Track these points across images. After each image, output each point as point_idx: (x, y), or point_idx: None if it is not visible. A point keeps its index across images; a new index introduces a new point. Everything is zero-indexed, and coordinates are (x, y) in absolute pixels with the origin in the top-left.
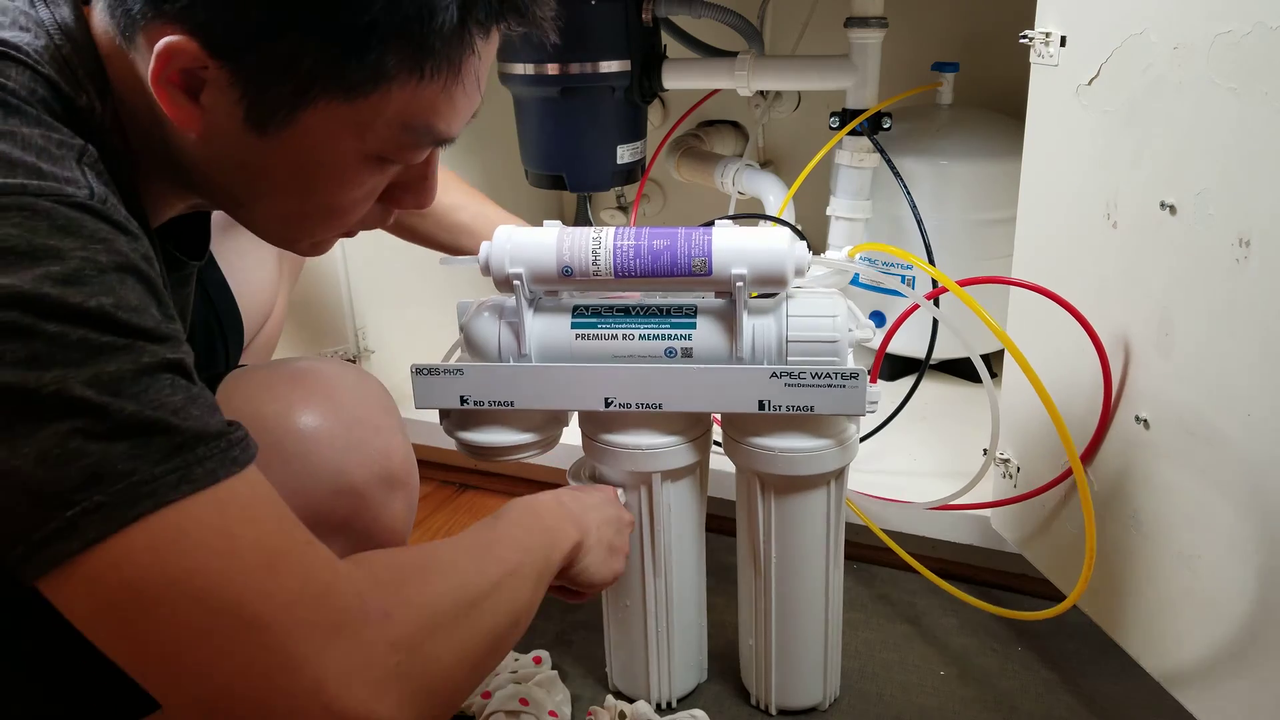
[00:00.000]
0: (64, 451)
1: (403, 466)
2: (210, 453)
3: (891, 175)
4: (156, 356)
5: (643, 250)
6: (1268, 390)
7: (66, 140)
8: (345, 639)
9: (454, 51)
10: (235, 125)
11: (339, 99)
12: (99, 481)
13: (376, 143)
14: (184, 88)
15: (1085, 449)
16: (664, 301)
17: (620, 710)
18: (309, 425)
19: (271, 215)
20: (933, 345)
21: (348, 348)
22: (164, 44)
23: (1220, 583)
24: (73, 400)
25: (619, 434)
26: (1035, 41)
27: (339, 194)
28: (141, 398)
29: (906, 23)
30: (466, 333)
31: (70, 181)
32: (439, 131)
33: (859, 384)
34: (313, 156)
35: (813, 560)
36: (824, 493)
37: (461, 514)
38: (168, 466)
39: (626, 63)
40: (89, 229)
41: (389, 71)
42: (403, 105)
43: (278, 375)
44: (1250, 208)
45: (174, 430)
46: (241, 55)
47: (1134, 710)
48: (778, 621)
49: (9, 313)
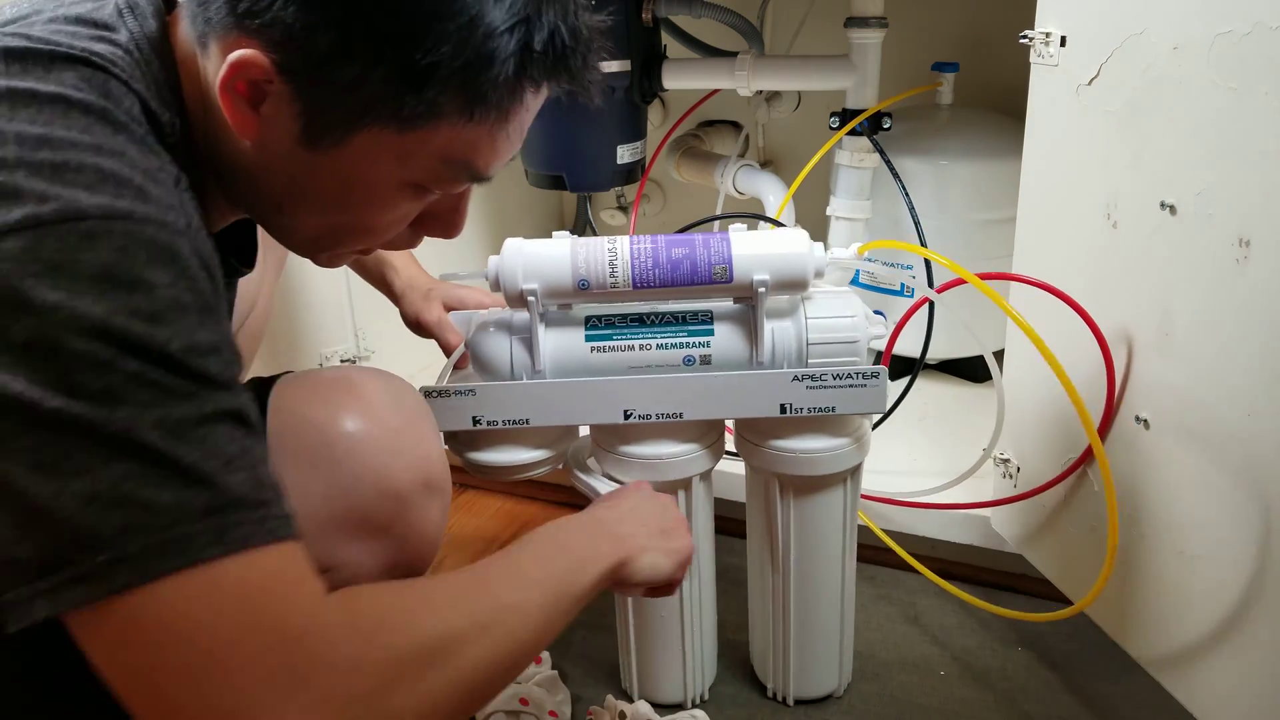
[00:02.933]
0: (112, 495)
1: (441, 472)
2: (247, 519)
3: (891, 175)
4: (220, 405)
5: (661, 260)
6: (1268, 390)
7: (166, 166)
8: (307, 691)
9: (505, 100)
10: (290, 138)
11: (391, 128)
12: (137, 532)
13: (417, 172)
14: (248, 97)
15: (1086, 449)
16: (677, 309)
17: (620, 710)
18: (356, 430)
19: (307, 226)
20: (927, 344)
21: (347, 348)
22: (238, 55)
23: (1221, 582)
24: (136, 443)
25: (641, 445)
26: (1035, 41)
27: (374, 214)
28: (200, 445)
29: (906, 23)
30: (474, 351)
31: (172, 208)
32: (476, 169)
33: (879, 382)
34: (357, 176)
35: (830, 554)
36: (841, 490)
37: (461, 514)
38: (205, 524)
39: (626, 63)
40: (181, 263)
41: (442, 110)
42: (448, 141)
43: (324, 382)
44: (1250, 208)
45: (219, 488)
46: (308, 76)
47: (1134, 710)
48: (797, 616)
49: (93, 344)
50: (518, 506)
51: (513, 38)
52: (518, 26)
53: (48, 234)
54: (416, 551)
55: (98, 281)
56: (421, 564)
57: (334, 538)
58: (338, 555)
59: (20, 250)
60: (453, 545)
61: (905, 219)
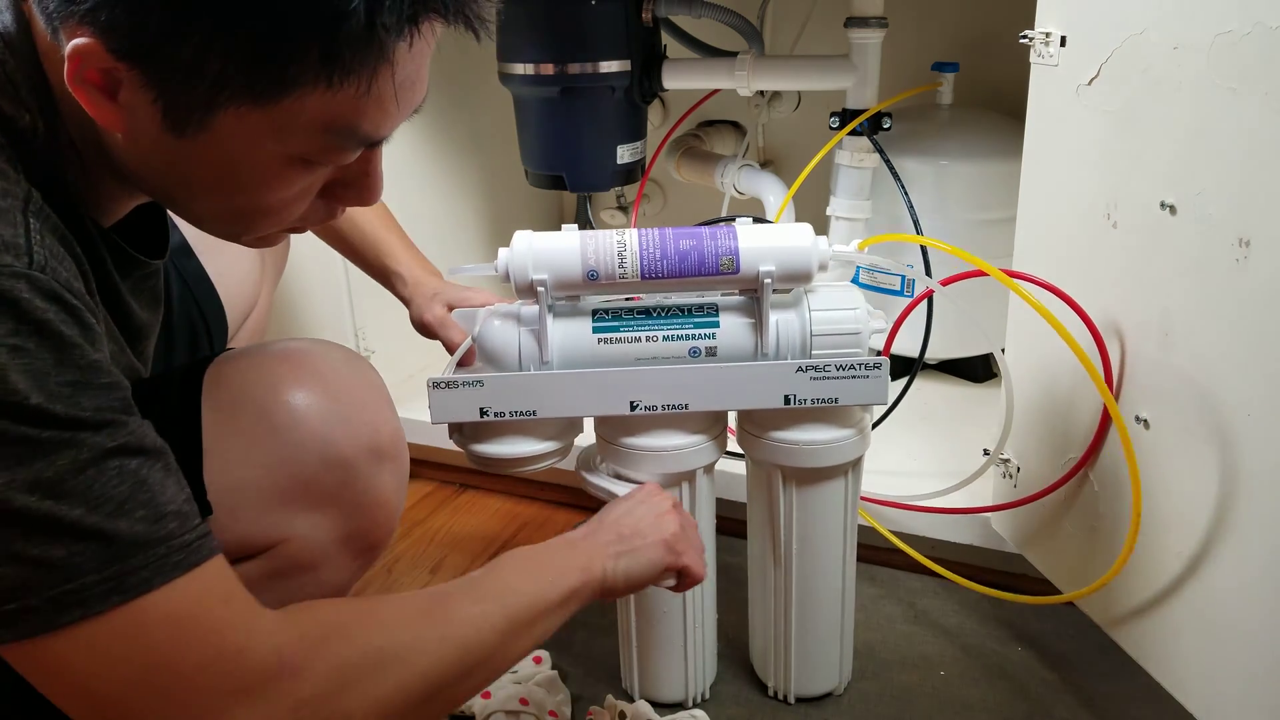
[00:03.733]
0: (6, 554)
1: (391, 439)
2: (146, 561)
3: (891, 175)
4: (97, 448)
5: (669, 251)
6: (1268, 390)
7: (11, 188)
8: (249, 700)
9: (365, 57)
10: (155, 127)
11: (249, 104)
12: (34, 588)
13: (298, 146)
14: (102, 87)
15: (1089, 447)
16: (683, 301)
17: (620, 710)
18: (297, 399)
19: (205, 212)
20: (926, 340)
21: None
22: (73, 45)
23: (1221, 582)
24: (14, 509)
25: (647, 436)
26: (1035, 41)
27: (267, 195)
28: (83, 497)
29: (906, 23)
30: (482, 342)
31: (11, 247)
32: (364, 133)
33: (881, 373)
34: (233, 159)
35: (832, 548)
36: (843, 481)
37: (461, 514)
38: (101, 576)
39: (626, 63)
40: (24, 307)
41: (297, 78)
42: (320, 110)
43: (266, 353)
44: (1250, 208)
45: (110, 538)
46: (147, 59)
47: (1134, 710)
48: (798, 611)
49: None
50: (518, 506)
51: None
52: None
53: None
54: (371, 520)
55: None
56: (378, 534)
57: (282, 509)
58: (288, 527)
59: None
60: (453, 545)
61: (905, 219)
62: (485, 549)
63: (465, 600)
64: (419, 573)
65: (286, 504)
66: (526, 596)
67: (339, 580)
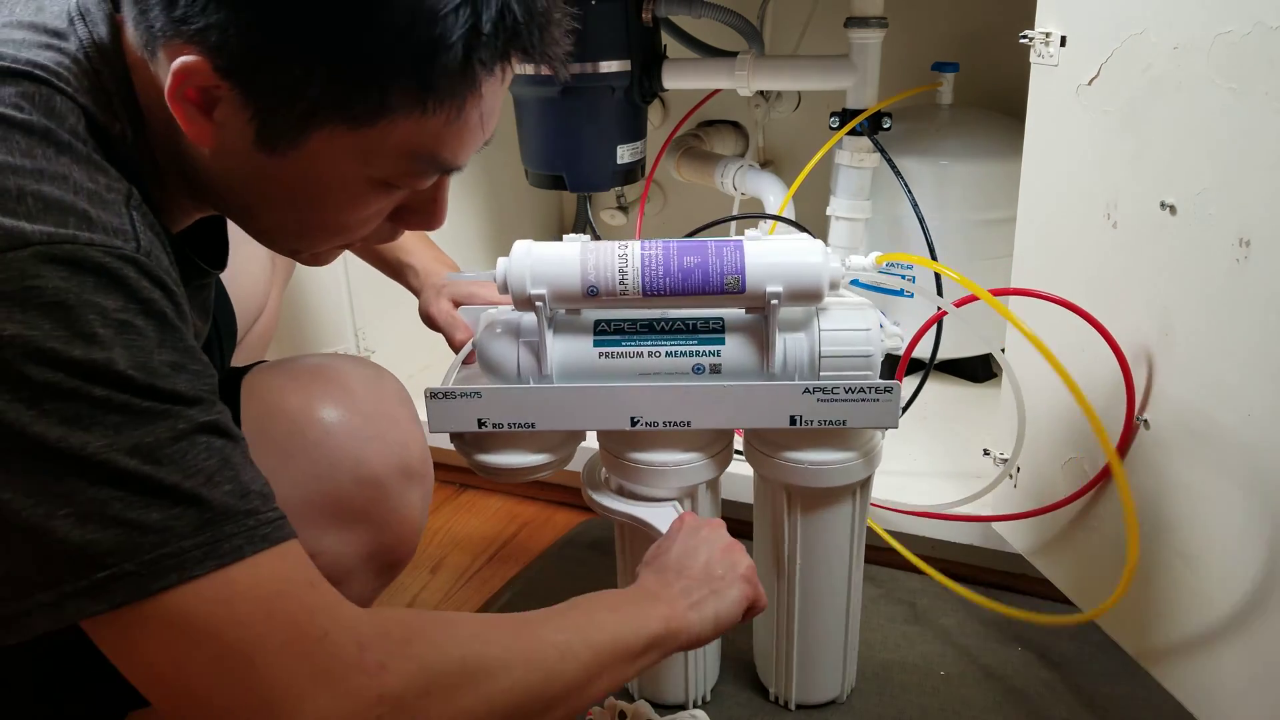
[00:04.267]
0: (102, 517)
1: (420, 459)
2: (240, 527)
3: (891, 175)
4: (191, 421)
5: (672, 268)
6: (1268, 389)
7: (114, 184)
8: (332, 685)
9: (459, 88)
10: (246, 143)
11: (344, 127)
12: (131, 550)
13: (381, 169)
14: (199, 104)
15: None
16: (688, 316)
17: (620, 710)
18: (331, 417)
19: (277, 227)
20: (937, 348)
21: (348, 348)
22: (179, 63)
23: (1222, 582)
24: (115, 469)
25: (651, 451)
26: (1035, 41)
27: (344, 214)
28: (179, 465)
29: (906, 23)
30: (481, 352)
31: (119, 232)
32: (443, 161)
33: (893, 397)
34: (319, 178)
35: (837, 567)
36: (850, 503)
37: (462, 514)
38: (196, 541)
39: (626, 63)
40: (132, 286)
41: (392, 104)
42: (407, 136)
43: (299, 370)
44: (1250, 208)
45: (206, 504)
46: (251, 79)
47: (1134, 710)
48: (800, 623)
49: (56, 373)
50: (518, 506)
51: (458, 20)
52: (462, 7)
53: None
54: (397, 538)
55: (50, 310)
56: (402, 551)
57: (311, 525)
58: (316, 543)
59: None
60: (453, 545)
61: (905, 219)
62: (485, 549)
63: (549, 627)
64: (419, 573)
65: (317, 520)
66: (609, 634)
67: (360, 597)
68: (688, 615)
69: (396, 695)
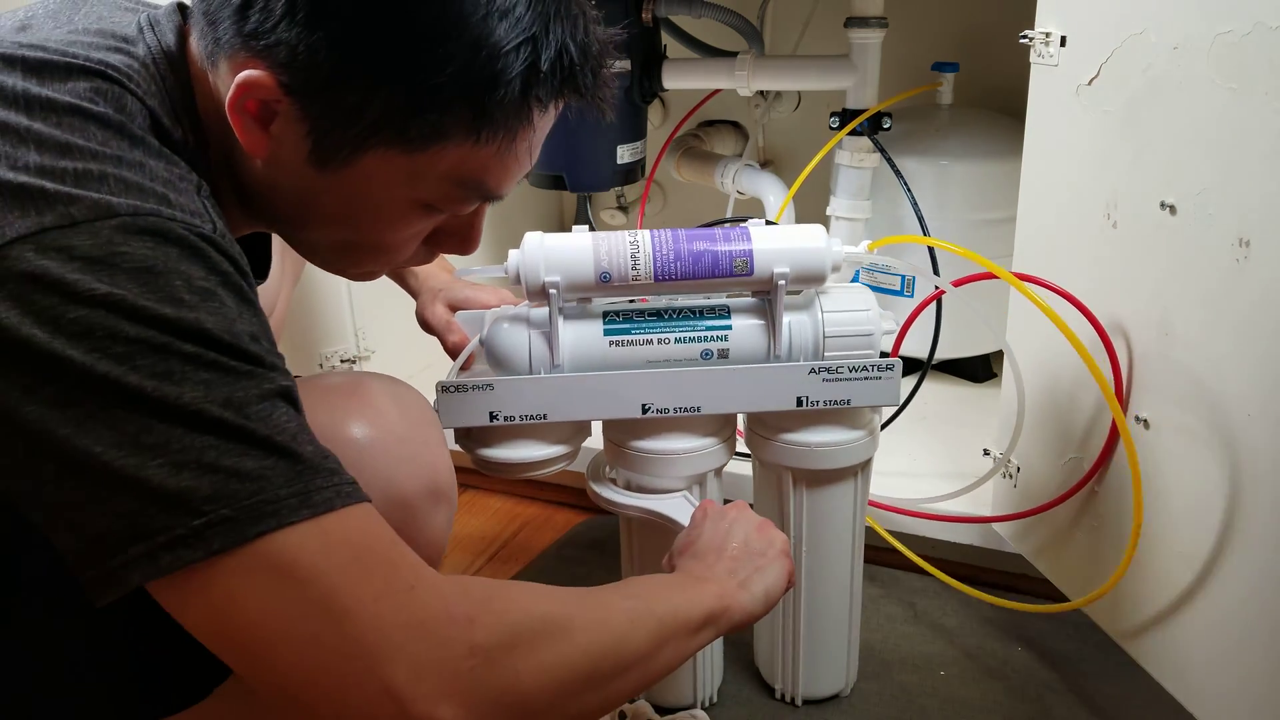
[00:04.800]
0: (199, 464)
1: (447, 480)
2: (328, 482)
3: (891, 175)
4: (275, 384)
5: (683, 253)
6: (1267, 390)
7: (186, 175)
8: (425, 635)
9: (512, 120)
10: (299, 158)
11: (398, 149)
12: (228, 497)
13: (427, 192)
14: (258, 116)
15: (1100, 456)
16: (693, 303)
17: (620, 710)
18: (362, 436)
19: (322, 243)
20: (935, 340)
21: (348, 348)
22: (245, 76)
23: (1221, 582)
24: (210, 418)
25: (658, 440)
26: (1035, 41)
27: (387, 233)
28: (267, 422)
29: (906, 23)
30: (491, 346)
31: (196, 214)
32: (488, 189)
33: (894, 373)
34: (367, 196)
35: (840, 549)
36: (852, 484)
37: (462, 514)
38: (291, 490)
39: (626, 63)
40: (213, 259)
41: (448, 131)
42: (457, 162)
43: (332, 387)
44: (1250, 208)
45: (297, 456)
46: (314, 97)
47: (1134, 710)
48: (807, 613)
49: (148, 330)
50: (518, 506)
51: (519, 57)
52: (524, 45)
53: (82, 232)
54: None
55: (138, 274)
56: None
57: None
58: None
59: (59, 248)
60: (453, 545)
61: (906, 219)
62: (485, 549)
63: (617, 595)
64: None
65: None
66: (671, 606)
67: None
68: (738, 594)
69: (486, 647)
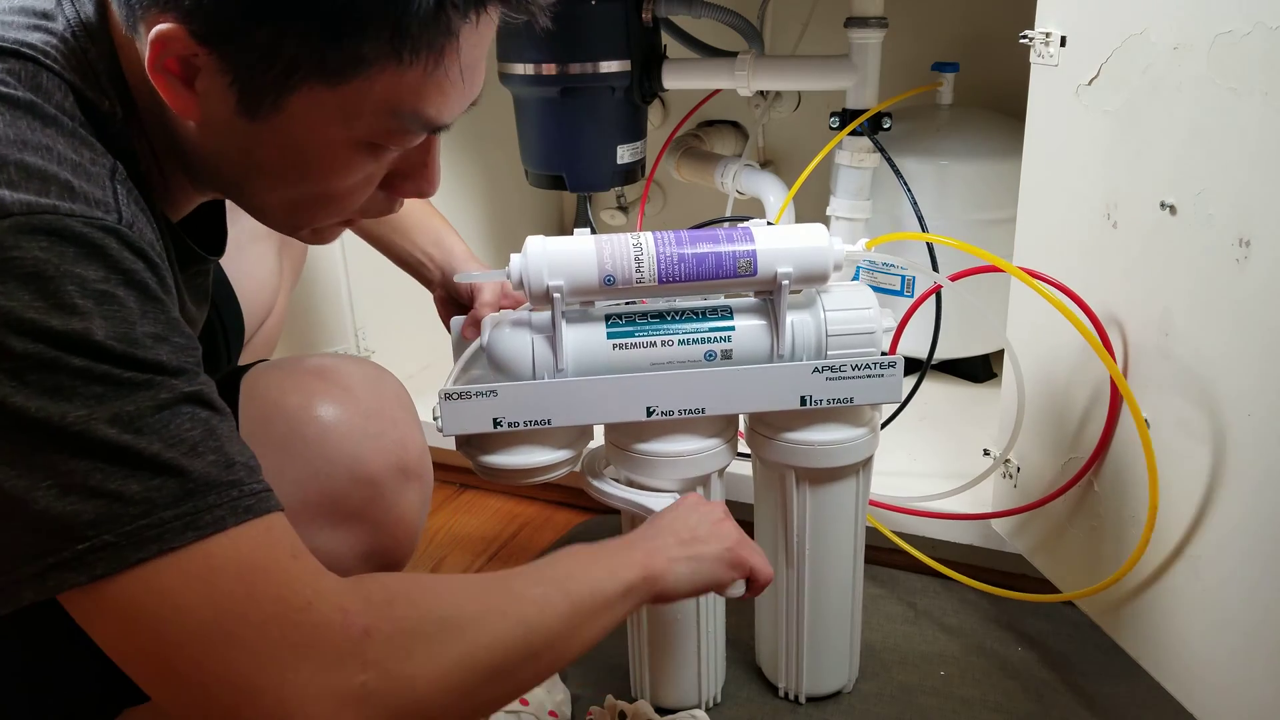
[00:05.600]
0: (83, 488)
1: (418, 459)
2: (221, 499)
3: (891, 175)
4: (175, 391)
5: (687, 255)
6: (1268, 390)
7: (99, 158)
8: (315, 657)
9: (433, 36)
10: (229, 112)
11: (322, 84)
12: (111, 521)
13: (365, 129)
14: (180, 75)
15: (1095, 450)
16: (695, 304)
17: (620, 710)
18: (329, 415)
19: (270, 201)
20: (935, 338)
21: (348, 348)
22: (156, 31)
23: (1221, 582)
24: (95, 440)
25: (661, 442)
26: (1035, 41)
27: (333, 181)
28: (160, 435)
29: (906, 23)
30: (493, 351)
31: (101, 204)
32: (428, 118)
33: (896, 371)
34: (303, 142)
35: (842, 546)
36: (854, 481)
37: (461, 514)
38: (176, 512)
39: (626, 63)
40: (113, 256)
41: (368, 57)
42: (388, 91)
43: (299, 369)
44: (1250, 208)
45: (187, 474)
46: (227, 42)
47: (1134, 710)
48: (810, 610)
49: (36, 344)
50: (518, 506)
51: None
52: None
53: None
54: (393, 539)
55: (28, 281)
56: (399, 552)
57: (308, 524)
58: (311, 541)
59: None
60: (453, 545)
61: (906, 219)
62: (485, 549)
63: (526, 582)
64: (419, 572)
65: (313, 518)
66: (587, 585)
67: None
68: (665, 565)
69: (379, 659)
